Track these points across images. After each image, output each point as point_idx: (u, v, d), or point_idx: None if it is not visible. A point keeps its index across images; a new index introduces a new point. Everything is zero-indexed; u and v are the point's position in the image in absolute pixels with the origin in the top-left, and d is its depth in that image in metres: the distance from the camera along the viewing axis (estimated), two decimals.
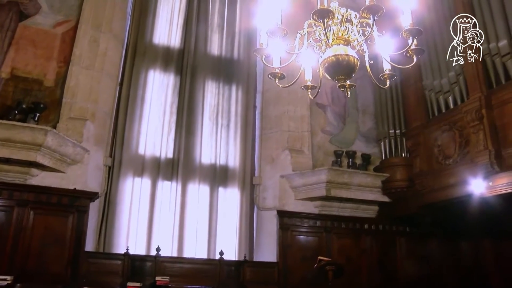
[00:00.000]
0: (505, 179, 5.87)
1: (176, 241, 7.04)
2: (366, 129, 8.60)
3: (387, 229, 8.04)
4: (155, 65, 7.85)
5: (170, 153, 7.47)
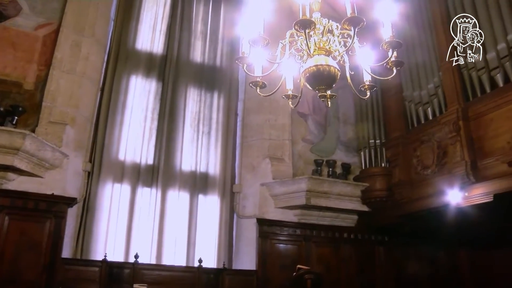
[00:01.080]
0: (480, 190, 5.99)
1: (155, 248, 6.98)
2: (346, 139, 8.69)
3: (366, 238, 8.10)
4: (137, 70, 7.81)
5: (151, 160, 7.42)
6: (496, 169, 5.88)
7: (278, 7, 5.77)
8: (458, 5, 6.88)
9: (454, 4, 6.97)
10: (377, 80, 3.84)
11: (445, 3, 7.16)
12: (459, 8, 6.84)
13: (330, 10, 5.59)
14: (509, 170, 5.65)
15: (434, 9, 7.34)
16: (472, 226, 6.93)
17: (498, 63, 6.04)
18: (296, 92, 3.93)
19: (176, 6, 8.44)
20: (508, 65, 5.88)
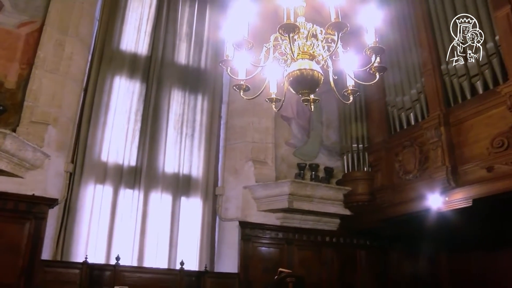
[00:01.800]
0: (460, 195, 6.08)
1: (137, 250, 6.92)
2: (329, 143, 8.75)
3: (348, 242, 8.17)
4: (121, 71, 7.76)
5: (133, 161, 7.37)
6: (475, 175, 5.98)
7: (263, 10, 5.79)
8: (440, 13, 7.01)
9: (437, 12, 7.09)
10: (361, 85, 3.88)
11: (428, 10, 7.28)
12: (441, 16, 6.97)
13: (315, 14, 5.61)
14: (487, 175, 5.75)
15: (417, 16, 7.44)
16: (452, 230, 7.04)
17: (478, 71, 6.15)
18: (279, 95, 3.95)
19: (161, 7, 8.42)
20: (488, 72, 6.01)
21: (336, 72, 3.80)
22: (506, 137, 5.57)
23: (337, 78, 3.81)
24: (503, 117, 5.68)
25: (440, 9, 7.02)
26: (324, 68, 3.65)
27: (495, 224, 6.73)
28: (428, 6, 7.29)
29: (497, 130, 5.76)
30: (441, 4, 7.03)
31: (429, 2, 7.29)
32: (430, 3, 7.27)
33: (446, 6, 6.90)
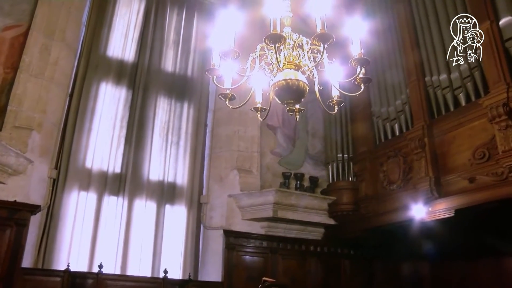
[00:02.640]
0: (443, 205, 6.17)
1: (120, 258, 6.85)
2: (315, 152, 8.79)
3: (332, 251, 8.19)
4: (107, 77, 7.71)
5: (118, 168, 7.32)
6: (457, 185, 6.08)
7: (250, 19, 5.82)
8: (425, 26, 7.13)
9: (421, 24, 7.21)
10: (346, 95, 3.90)
11: (413, 23, 7.40)
12: (426, 28, 7.10)
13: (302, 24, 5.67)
14: (469, 186, 5.85)
15: (402, 28, 7.56)
16: (435, 240, 7.10)
17: (460, 83, 6.25)
18: (265, 105, 3.97)
19: (149, 14, 8.41)
20: (470, 85, 6.12)
21: (321, 83, 3.83)
22: (487, 149, 5.69)
23: (322, 89, 3.84)
24: (484, 129, 5.79)
25: (424, 22, 7.16)
26: (309, 79, 3.67)
27: (476, 234, 6.80)
28: (413, 19, 7.43)
29: (478, 142, 5.87)
30: (425, 17, 7.16)
31: (414, 14, 7.43)
32: (415, 16, 7.41)
33: (430, 20, 7.03)
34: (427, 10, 7.14)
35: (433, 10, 7.00)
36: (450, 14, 6.62)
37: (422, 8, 7.25)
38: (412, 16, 7.45)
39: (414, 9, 7.45)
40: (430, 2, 7.10)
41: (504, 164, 5.33)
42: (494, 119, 5.50)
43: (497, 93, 5.49)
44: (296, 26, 4.14)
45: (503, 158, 5.33)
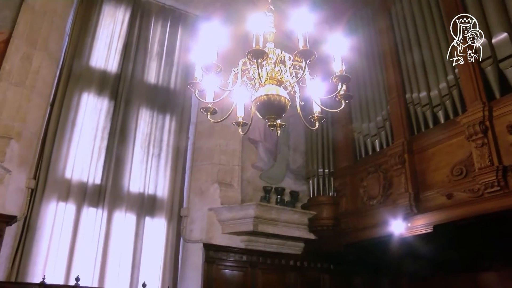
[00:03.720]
0: (422, 221, 6.23)
1: (98, 271, 6.72)
2: (296, 167, 8.83)
3: (312, 266, 8.19)
4: (89, 88, 7.65)
5: (98, 179, 7.23)
6: (436, 201, 6.16)
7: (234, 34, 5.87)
8: (405, 42, 7.28)
9: (402, 41, 7.36)
10: (327, 111, 3.94)
11: (394, 40, 7.54)
12: (406, 45, 7.24)
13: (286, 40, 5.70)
14: (447, 202, 5.94)
15: (384, 45, 7.69)
16: (414, 255, 7.15)
17: (440, 101, 6.38)
18: (247, 119, 3.98)
19: (133, 25, 8.41)
20: (449, 103, 6.25)
21: (303, 98, 3.87)
22: (465, 166, 5.79)
23: (304, 104, 3.87)
24: (462, 146, 5.90)
25: (405, 39, 7.31)
26: (291, 94, 3.71)
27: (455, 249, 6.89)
28: (395, 36, 7.56)
29: (456, 159, 5.97)
30: (406, 35, 7.31)
31: (395, 32, 7.57)
32: (396, 34, 7.56)
33: (411, 38, 7.19)
34: (408, 29, 7.31)
35: (414, 29, 7.17)
36: (430, 33, 6.81)
37: (403, 27, 7.41)
38: (394, 33, 7.60)
39: (395, 27, 7.61)
40: (411, 21, 7.27)
41: (480, 181, 5.42)
42: (471, 136, 5.62)
43: (474, 112, 5.62)
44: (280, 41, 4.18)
45: (479, 175, 5.44)
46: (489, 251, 6.74)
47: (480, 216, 5.58)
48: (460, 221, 5.84)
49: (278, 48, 3.83)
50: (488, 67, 5.67)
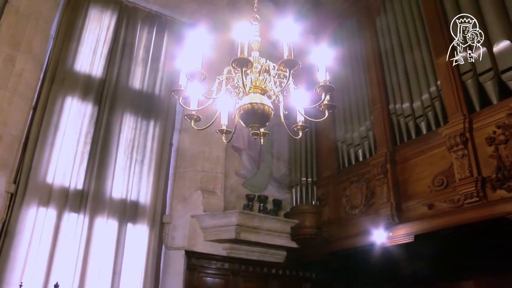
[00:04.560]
0: (403, 230, 6.29)
1: (78, 278, 6.61)
2: (279, 175, 8.85)
3: (294, 274, 8.18)
4: (73, 92, 7.57)
5: (80, 184, 7.14)
6: (417, 211, 6.23)
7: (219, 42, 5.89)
8: (389, 54, 7.38)
9: (386, 52, 7.46)
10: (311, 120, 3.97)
11: (378, 51, 7.64)
12: (390, 57, 7.34)
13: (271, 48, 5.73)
14: (428, 212, 6.01)
15: (368, 55, 7.78)
16: (395, 264, 7.21)
17: (422, 112, 6.47)
18: (230, 127, 4.00)
19: (119, 30, 8.38)
20: (431, 114, 6.34)
21: (287, 108, 3.89)
22: (446, 176, 5.88)
23: (287, 113, 3.90)
24: (443, 157, 5.98)
25: (389, 51, 7.41)
26: (275, 103, 3.74)
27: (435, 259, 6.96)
28: (379, 47, 7.66)
29: (438, 169, 6.06)
30: (390, 46, 7.42)
31: (380, 43, 7.67)
32: (380, 45, 7.65)
33: (395, 49, 7.29)
34: (392, 40, 7.42)
35: (398, 41, 7.28)
36: (414, 45, 6.93)
37: (388, 38, 7.52)
38: (378, 44, 7.70)
39: (380, 38, 7.71)
40: (395, 33, 7.38)
41: (460, 191, 5.51)
42: (452, 148, 5.71)
43: (455, 123, 5.72)
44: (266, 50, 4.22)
45: (460, 185, 5.52)
46: (469, 260, 6.82)
47: (460, 226, 5.67)
48: (441, 231, 5.92)
49: (264, 57, 3.86)
50: (469, 80, 5.79)
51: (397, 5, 7.48)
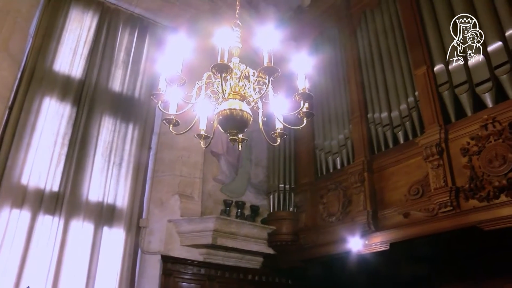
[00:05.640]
0: (379, 238, 6.36)
1: (51, 282, 6.48)
2: (257, 181, 8.86)
3: (270, 280, 8.20)
4: (52, 92, 7.45)
5: (56, 186, 7.02)
6: (393, 220, 6.30)
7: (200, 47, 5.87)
8: (369, 64, 7.49)
9: (366, 62, 7.56)
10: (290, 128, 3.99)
11: (358, 60, 7.73)
12: (370, 67, 7.45)
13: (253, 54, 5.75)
14: (404, 221, 6.09)
15: (348, 64, 7.87)
16: (371, 272, 7.27)
17: (400, 122, 6.57)
18: (209, 132, 4.00)
19: (100, 32, 8.30)
20: (408, 124, 6.45)
21: (265, 114, 3.92)
22: (421, 186, 5.97)
23: (266, 120, 3.92)
24: (420, 166, 6.08)
25: (369, 60, 7.52)
26: (254, 110, 3.75)
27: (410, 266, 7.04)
28: (359, 57, 7.75)
29: (414, 179, 6.15)
30: (370, 56, 7.52)
31: (360, 53, 7.77)
32: (361, 54, 7.75)
33: (374, 59, 7.40)
34: (372, 50, 7.52)
35: (378, 51, 7.39)
36: (393, 55, 7.04)
37: (368, 48, 7.63)
38: (358, 54, 7.80)
39: (360, 48, 7.81)
40: (375, 43, 7.49)
41: (435, 201, 5.61)
42: (428, 158, 5.81)
43: (431, 134, 5.83)
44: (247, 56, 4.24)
45: (435, 195, 5.62)
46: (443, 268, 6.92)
47: (434, 234, 5.76)
48: (416, 239, 6.00)
49: (246, 63, 3.89)
50: (445, 91, 5.91)
51: (377, 17, 7.61)
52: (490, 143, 5.20)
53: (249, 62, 3.95)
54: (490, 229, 5.10)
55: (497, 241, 5.75)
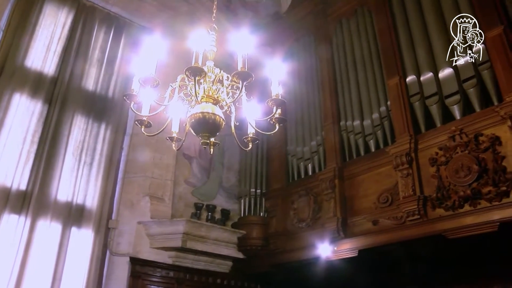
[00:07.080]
0: (348, 245, 6.44)
1: (13, 284, 6.32)
2: (229, 185, 8.87)
3: (239, 285, 8.21)
4: (22, 89, 7.26)
5: (24, 185, 6.84)
6: (362, 227, 6.40)
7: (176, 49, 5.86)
8: (343, 72, 7.59)
9: (341, 70, 7.66)
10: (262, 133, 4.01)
11: (333, 68, 7.83)
12: (344, 75, 7.56)
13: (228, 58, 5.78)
14: (373, 228, 6.20)
15: (323, 72, 7.94)
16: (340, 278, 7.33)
17: (372, 130, 6.68)
18: (181, 135, 4.00)
19: (75, 29, 8.15)
20: (380, 133, 6.56)
21: (238, 119, 3.93)
22: (391, 194, 6.09)
23: (239, 125, 3.94)
24: (389, 175, 6.19)
25: (343, 68, 7.63)
26: (227, 114, 3.77)
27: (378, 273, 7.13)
28: (334, 65, 7.85)
29: (383, 187, 6.26)
30: (344, 64, 7.63)
31: (335, 60, 7.86)
32: (335, 62, 7.85)
33: (349, 67, 7.51)
34: (346, 59, 7.64)
35: (352, 59, 7.51)
36: (367, 64, 7.16)
37: (343, 56, 7.74)
38: (333, 62, 7.89)
39: (335, 56, 7.90)
40: (350, 52, 7.60)
41: (404, 209, 5.73)
42: (398, 166, 5.92)
43: (402, 143, 5.95)
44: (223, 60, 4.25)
45: (403, 203, 5.75)
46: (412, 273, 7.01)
47: (402, 242, 5.88)
48: (384, 246, 6.10)
49: (221, 67, 3.91)
50: (416, 102, 6.04)
51: (353, 26, 7.73)
52: (457, 154, 5.35)
53: (224, 66, 3.97)
54: (453, 237, 5.24)
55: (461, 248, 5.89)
